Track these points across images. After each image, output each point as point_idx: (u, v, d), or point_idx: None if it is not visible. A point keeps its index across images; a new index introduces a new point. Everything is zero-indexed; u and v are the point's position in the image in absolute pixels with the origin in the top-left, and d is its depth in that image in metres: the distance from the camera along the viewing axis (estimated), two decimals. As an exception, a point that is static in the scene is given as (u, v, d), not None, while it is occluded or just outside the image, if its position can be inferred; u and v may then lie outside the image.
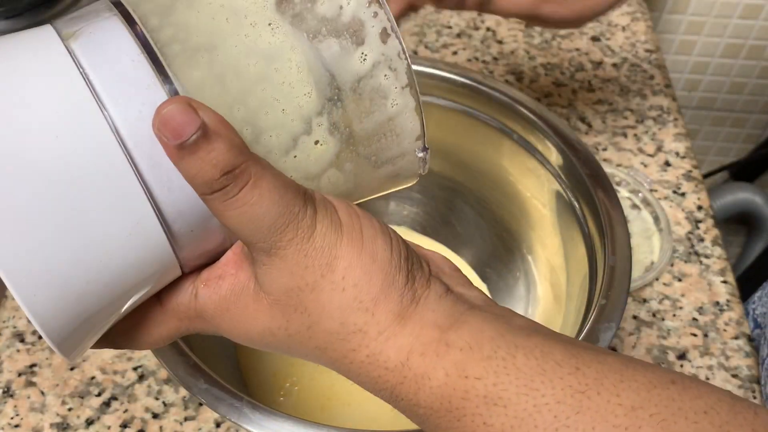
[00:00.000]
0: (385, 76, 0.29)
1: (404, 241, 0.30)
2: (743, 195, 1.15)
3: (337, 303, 0.27)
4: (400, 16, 0.52)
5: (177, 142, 0.25)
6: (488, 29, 0.88)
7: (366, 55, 0.29)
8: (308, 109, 0.28)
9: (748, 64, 1.13)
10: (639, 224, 0.69)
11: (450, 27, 0.88)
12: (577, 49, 0.86)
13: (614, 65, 0.85)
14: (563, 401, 0.25)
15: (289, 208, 0.26)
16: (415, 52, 0.84)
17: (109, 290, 0.27)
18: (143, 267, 0.27)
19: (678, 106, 0.81)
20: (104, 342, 0.30)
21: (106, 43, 0.27)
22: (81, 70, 0.26)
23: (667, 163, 0.75)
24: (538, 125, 0.55)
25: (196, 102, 0.25)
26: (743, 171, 1.22)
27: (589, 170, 0.53)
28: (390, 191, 0.34)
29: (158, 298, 0.30)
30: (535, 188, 0.57)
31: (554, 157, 0.55)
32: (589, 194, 0.52)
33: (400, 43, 0.29)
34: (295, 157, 0.29)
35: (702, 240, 0.68)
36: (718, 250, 0.68)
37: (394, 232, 0.29)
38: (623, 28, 0.89)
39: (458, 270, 0.32)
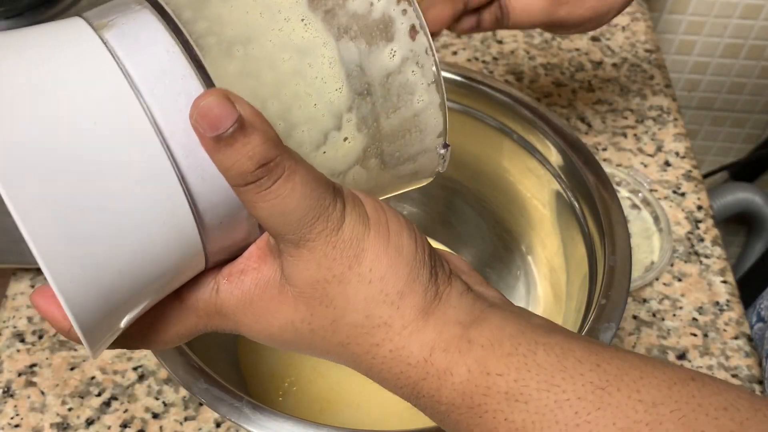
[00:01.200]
0: (413, 72, 0.30)
1: (427, 239, 0.30)
2: (743, 195, 1.15)
3: (363, 295, 0.27)
4: None
5: (214, 134, 0.25)
6: (488, 29, 0.88)
7: (395, 51, 0.29)
8: (339, 105, 0.29)
9: (748, 64, 1.13)
10: (639, 224, 0.69)
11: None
12: (577, 49, 0.86)
13: (614, 65, 0.85)
14: (584, 397, 0.25)
15: (319, 202, 0.27)
16: (415, 52, 0.84)
17: (139, 281, 0.26)
18: (172, 258, 0.27)
19: (678, 106, 0.81)
20: (119, 342, 0.29)
21: (140, 33, 0.27)
22: (117, 59, 0.26)
23: (667, 163, 0.75)
24: (538, 125, 0.55)
25: (233, 94, 0.25)
26: (743, 171, 1.22)
27: (589, 170, 0.53)
28: (407, 190, 0.34)
29: (177, 294, 0.30)
30: (535, 188, 0.57)
31: (554, 157, 0.55)
32: (589, 194, 0.52)
33: (428, 40, 0.30)
34: (324, 153, 0.29)
35: (702, 240, 0.68)
36: (718, 250, 0.68)
37: (418, 228, 0.30)
38: (623, 28, 0.89)
39: (474, 270, 0.32)
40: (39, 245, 0.24)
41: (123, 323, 0.28)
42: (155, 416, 0.56)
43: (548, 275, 0.57)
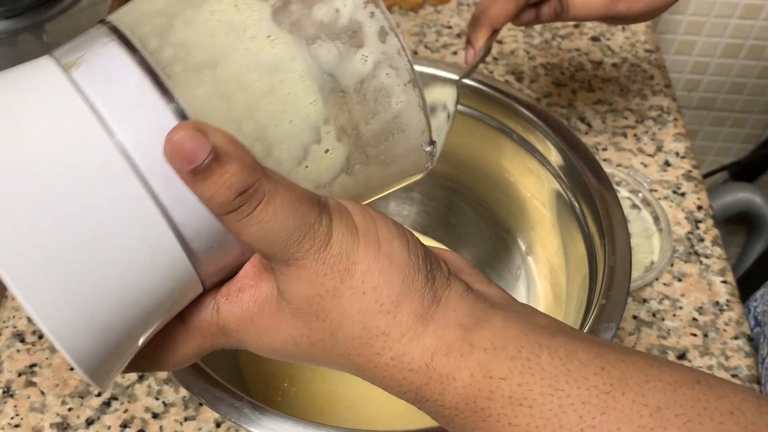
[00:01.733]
0: (387, 74, 0.29)
1: (421, 243, 0.30)
2: (743, 195, 1.15)
3: (358, 307, 0.28)
4: (489, 41, 0.53)
5: (190, 168, 0.25)
6: (488, 29, 0.88)
7: (367, 56, 0.29)
8: (315, 118, 0.28)
9: (748, 64, 1.13)
10: (639, 224, 0.69)
11: (450, 27, 0.88)
12: (577, 49, 0.86)
13: (614, 65, 0.85)
14: (588, 401, 0.25)
15: (304, 220, 0.27)
16: (416, 53, 0.84)
17: (135, 315, 0.27)
18: (166, 289, 0.27)
19: (678, 106, 0.81)
20: (131, 367, 0.30)
21: (108, 69, 0.27)
22: (86, 99, 0.26)
23: (667, 163, 0.75)
24: (538, 125, 0.55)
25: (204, 125, 0.26)
26: (743, 171, 1.22)
27: (589, 170, 0.53)
28: (399, 187, 0.34)
29: (180, 317, 0.30)
30: (535, 188, 0.57)
31: (554, 157, 0.55)
32: (589, 194, 0.52)
33: (400, 41, 0.29)
34: (306, 167, 0.29)
35: (702, 240, 0.68)
36: (718, 250, 0.68)
37: (411, 233, 0.30)
38: (623, 28, 0.89)
39: (475, 268, 0.32)
40: (29, 298, 0.24)
41: (126, 356, 0.28)
42: (155, 416, 0.56)
43: (548, 275, 0.57)
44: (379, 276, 0.28)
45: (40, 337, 0.60)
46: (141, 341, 0.28)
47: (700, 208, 0.71)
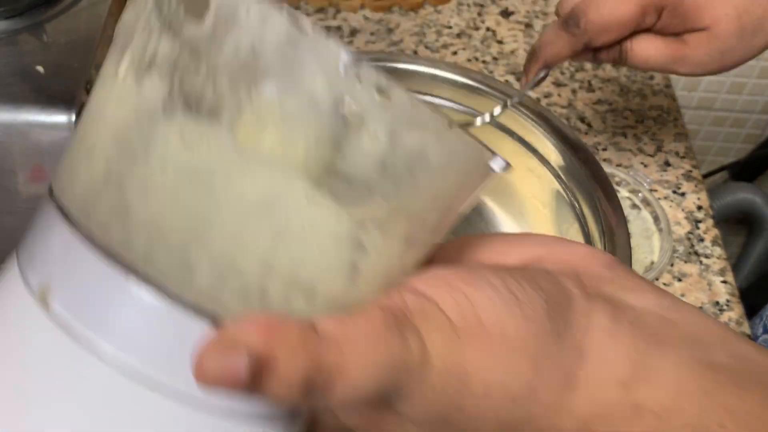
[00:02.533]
0: (410, 137, 0.22)
1: (533, 279, 0.23)
2: (743, 195, 1.15)
3: (490, 414, 0.23)
4: (542, 72, 0.56)
5: (242, 386, 0.20)
6: (488, 29, 0.88)
7: (375, 130, 0.21)
8: (346, 231, 0.22)
9: (748, 64, 1.13)
10: (639, 224, 0.69)
11: (450, 27, 0.88)
12: (577, 49, 0.86)
13: (614, 65, 0.85)
14: None
15: (390, 355, 0.21)
16: (415, 52, 0.84)
17: None
18: None
19: (678, 106, 0.81)
20: None
21: (88, 288, 0.22)
22: (78, 334, 0.22)
23: (667, 163, 0.75)
24: (538, 125, 0.55)
25: (223, 331, 0.20)
26: (743, 171, 1.22)
27: (589, 170, 0.53)
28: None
29: None
30: (535, 188, 0.57)
31: (554, 157, 0.55)
32: (589, 194, 0.52)
33: (403, 91, 0.21)
34: (363, 277, 0.23)
35: (702, 240, 0.69)
36: (718, 250, 0.68)
37: (519, 278, 0.23)
38: (623, 28, 0.89)
39: (611, 265, 0.26)
40: None
41: None
42: (155, 416, 0.56)
43: (548, 275, 0.57)
44: (501, 370, 0.22)
45: (40, 337, 0.60)
46: None
47: (700, 208, 0.71)
